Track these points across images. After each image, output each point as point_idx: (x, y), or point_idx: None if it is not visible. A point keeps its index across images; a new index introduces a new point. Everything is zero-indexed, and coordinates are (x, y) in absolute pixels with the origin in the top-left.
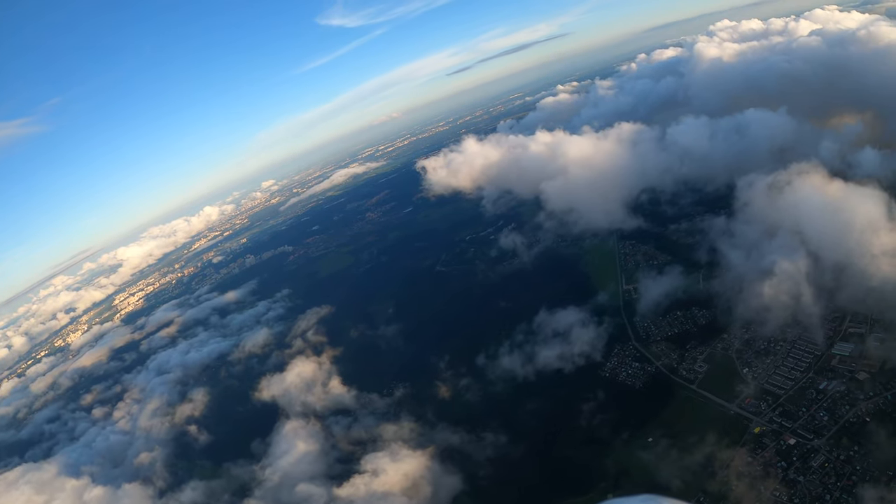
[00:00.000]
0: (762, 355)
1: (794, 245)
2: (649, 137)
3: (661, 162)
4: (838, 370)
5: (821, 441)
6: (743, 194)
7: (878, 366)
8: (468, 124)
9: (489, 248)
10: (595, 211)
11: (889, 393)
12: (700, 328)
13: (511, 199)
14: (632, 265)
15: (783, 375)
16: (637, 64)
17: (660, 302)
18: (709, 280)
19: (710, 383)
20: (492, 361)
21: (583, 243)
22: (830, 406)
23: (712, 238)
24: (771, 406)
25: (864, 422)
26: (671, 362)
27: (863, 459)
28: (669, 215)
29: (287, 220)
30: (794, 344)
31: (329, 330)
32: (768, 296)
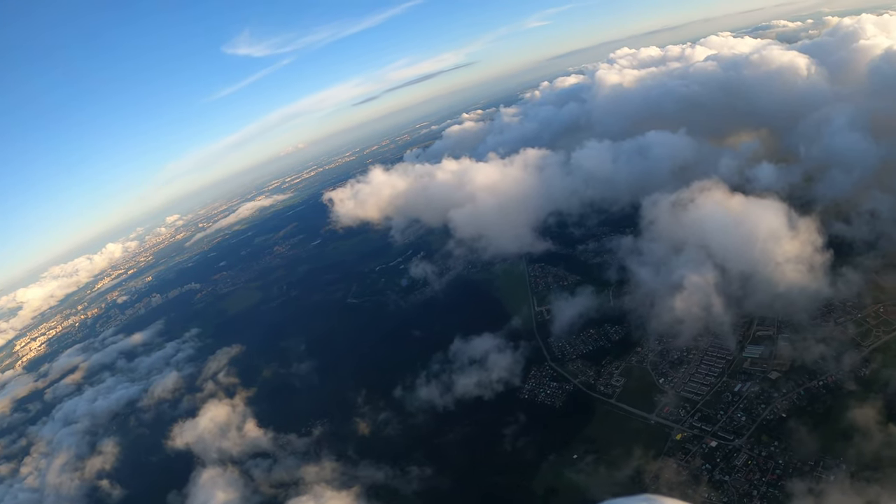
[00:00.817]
0: (677, 365)
1: (701, 259)
2: (554, 162)
3: (567, 185)
4: (751, 372)
5: (741, 441)
6: (648, 213)
7: (788, 365)
8: (375, 154)
9: (400, 278)
10: (504, 236)
11: (801, 389)
12: (614, 344)
13: (420, 228)
14: (543, 287)
15: (699, 382)
16: (541, 91)
17: (573, 321)
18: (619, 297)
19: (628, 396)
20: (410, 393)
21: (493, 268)
22: (747, 406)
23: (620, 257)
24: (690, 412)
25: (781, 418)
26: (588, 379)
27: (784, 454)
28: (577, 237)
29: (193, 257)
30: (706, 351)
31: (241, 370)
32: (680, 308)
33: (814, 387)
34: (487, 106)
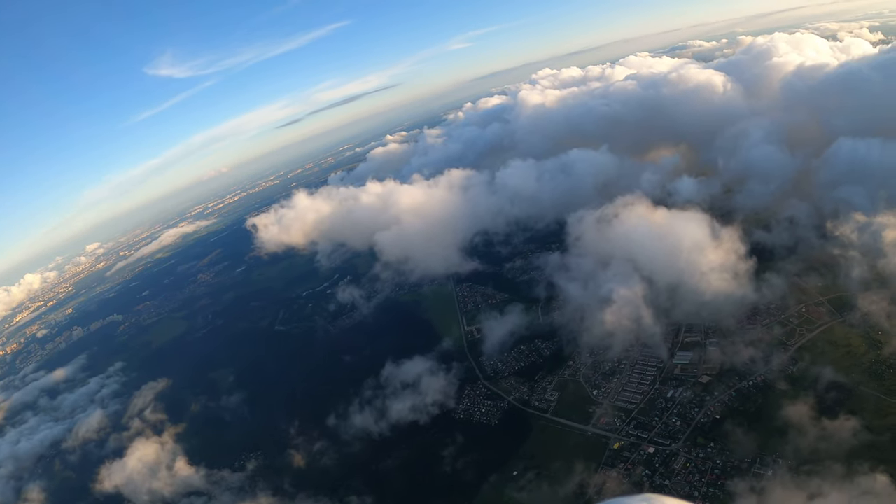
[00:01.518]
0: (609, 376)
1: (628, 272)
2: (479, 182)
3: (493, 205)
4: (682, 378)
5: (678, 445)
6: (574, 229)
7: (718, 368)
8: (299, 177)
9: (328, 303)
10: (431, 257)
11: (732, 390)
12: (546, 359)
13: (346, 252)
14: (472, 307)
15: (632, 391)
16: (464, 112)
17: (504, 339)
18: (549, 313)
19: (563, 410)
20: (344, 421)
21: (421, 290)
22: (681, 411)
23: (548, 273)
24: (625, 421)
25: (715, 420)
26: (523, 395)
27: (721, 454)
28: (504, 255)
29: (115, 287)
30: (637, 361)
31: (168, 405)
32: (610, 321)
33: (744, 387)
34: (412, 127)
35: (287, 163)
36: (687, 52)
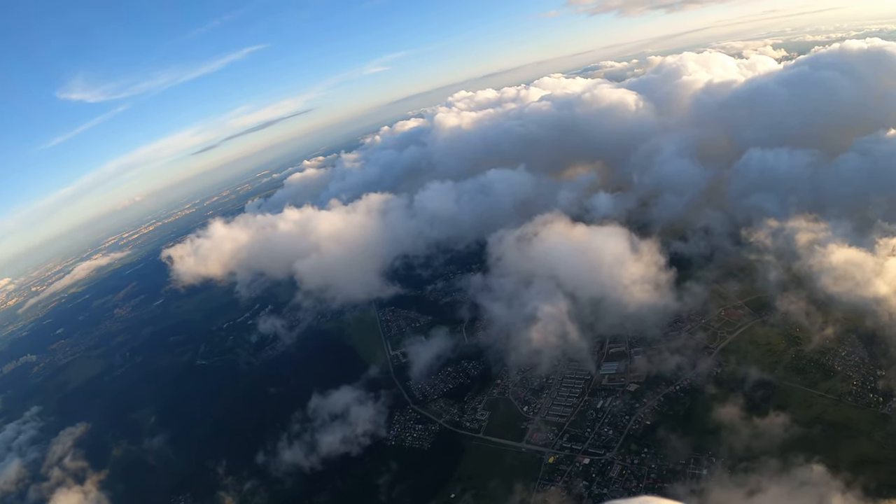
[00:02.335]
0: (538, 391)
1: (551, 289)
2: (398, 205)
3: (412, 228)
4: (611, 388)
5: (612, 453)
6: (494, 249)
7: (644, 376)
8: (215, 205)
9: (249, 335)
10: (352, 283)
11: (661, 396)
12: (474, 379)
13: (265, 281)
14: (396, 331)
15: (562, 404)
16: (381, 136)
17: (430, 362)
18: (474, 334)
19: (495, 428)
20: (274, 457)
21: (344, 317)
22: (612, 420)
23: (471, 294)
24: (558, 435)
25: (647, 426)
26: (453, 417)
27: (655, 458)
28: (425, 278)
29: (27, 325)
30: (565, 375)
31: (89, 451)
32: (536, 339)
33: (672, 392)
34: (329, 152)
35: (203, 190)
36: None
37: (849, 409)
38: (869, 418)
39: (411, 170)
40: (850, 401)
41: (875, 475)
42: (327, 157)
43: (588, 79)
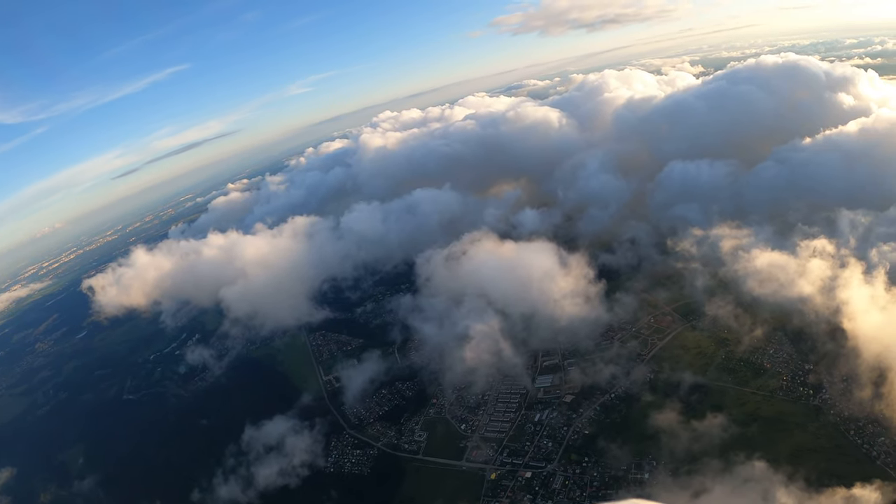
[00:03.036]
0: (475, 409)
1: (482, 307)
2: (324, 228)
3: (339, 250)
4: (547, 400)
5: (554, 465)
6: (423, 269)
7: (579, 387)
8: (138, 231)
9: (177, 366)
10: (280, 309)
11: (597, 405)
12: (409, 400)
13: (192, 310)
14: (327, 356)
15: (500, 420)
16: (306, 157)
17: (364, 386)
18: (406, 355)
19: (434, 448)
20: (209, 495)
21: (274, 344)
22: (550, 432)
23: (402, 316)
24: (498, 450)
25: (585, 435)
26: (391, 439)
27: (596, 466)
28: (355, 300)
29: None
30: (500, 391)
31: (16, 499)
32: (469, 357)
33: (608, 401)
34: (254, 174)
35: (126, 215)
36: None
37: (781, 404)
38: (801, 411)
39: (337, 191)
40: (781, 395)
41: (814, 465)
42: (252, 180)
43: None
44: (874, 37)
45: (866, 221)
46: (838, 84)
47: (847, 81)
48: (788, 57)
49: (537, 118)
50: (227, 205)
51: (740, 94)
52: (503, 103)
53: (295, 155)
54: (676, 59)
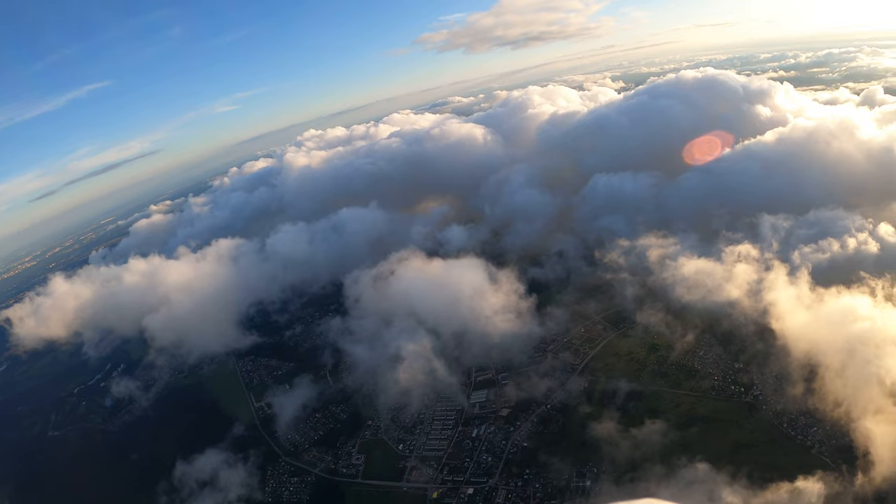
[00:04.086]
0: (412, 429)
1: (413, 327)
2: (249, 250)
3: (265, 272)
4: (483, 415)
5: (495, 479)
6: (351, 291)
7: (514, 400)
8: (58, 256)
9: (103, 398)
10: (207, 335)
11: (534, 417)
12: (344, 423)
13: (115, 339)
14: (258, 382)
15: (437, 438)
16: (230, 177)
17: (297, 411)
18: (339, 378)
19: (373, 471)
20: None
21: (202, 372)
22: (489, 447)
23: (332, 338)
24: (438, 469)
25: (524, 447)
26: (328, 465)
27: (538, 478)
28: (283, 323)
29: None
30: (436, 408)
31: None
32: (403, 378)
33: (544, 412)
34: (177, 195)
35: (44, 240)
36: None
37: (715, 403)
38: (735, 408)
39: (262, 212)
40: (714, 395)
41: (754, 459)
42: (175, 201)
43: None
44: (787, 51)
45: (787, 225)
46: (755, 96)
47: (764, 94)
48: (707, 71)
49: (462, 135)
50: (150, 228)
51: (661, 108)
52: (428, 120)
53: (219, 175)
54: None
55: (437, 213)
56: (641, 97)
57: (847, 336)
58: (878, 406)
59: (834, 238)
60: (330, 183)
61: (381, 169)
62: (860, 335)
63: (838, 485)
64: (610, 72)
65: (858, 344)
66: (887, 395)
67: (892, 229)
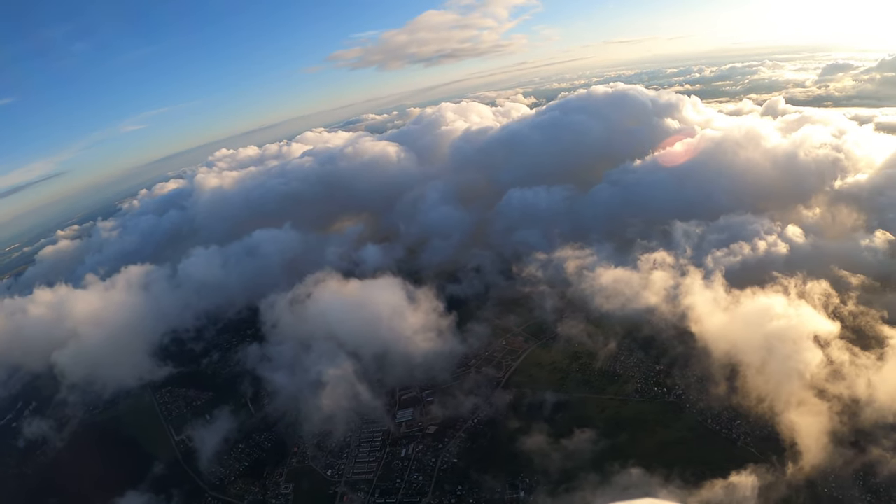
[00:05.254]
0: (339, 453)
1: (333, 350)
2: (161, 276)
3: (178, 299)
4: (410, 434)
5: (428, 497)
6: (268, 316)
7: (440, 417)
8: None
9: (14, 440)
10: (120, 368)
11: (461, 432)
12: (270, 452)
13: (24, 376)
14: (177, 414)
15: (365, 461)
16: (140, 200)
17: (220, 442)
18: (260, 407)
19: (303, 499)
20: None
21: (118, 407)
22: (419, 466)
23: (251, 366)
24: (369, 492)
25: (454, 464)
26: (256, 496)
27: (472, 493)
28: (199, 352)
29: None
30: (362, 431)
31: None
32: (326, 403)
33: (471, 427)
34: (85, 219)
35: None
36: (361, 126)
37: (639, 405)
38: (659, 409)
39: (173, 236)
40: (637, 398)
41: (683, 456)
42: (83, 226)
43: (350, 132)
44: (693, 66)
45: (699, 231)
46: (664, 109)
47: (672, 107)
48: (617, 86)
49: (376, 153)
50: (57, 255)
51: (573, 123)
52: (341, 138)
53: (129, 197)
54: (511, 91)
55: (352, 232)
56: (553, 112)
57: (765, 334)
58: (799, 399)
59: (745, 241)
60: (242, 204)
61: (295, 189)
62: (777, 333)
63: (771, 475)
64: (522, 88)
65: (776, 341)
66: (808, 388)
67: (800, 231)
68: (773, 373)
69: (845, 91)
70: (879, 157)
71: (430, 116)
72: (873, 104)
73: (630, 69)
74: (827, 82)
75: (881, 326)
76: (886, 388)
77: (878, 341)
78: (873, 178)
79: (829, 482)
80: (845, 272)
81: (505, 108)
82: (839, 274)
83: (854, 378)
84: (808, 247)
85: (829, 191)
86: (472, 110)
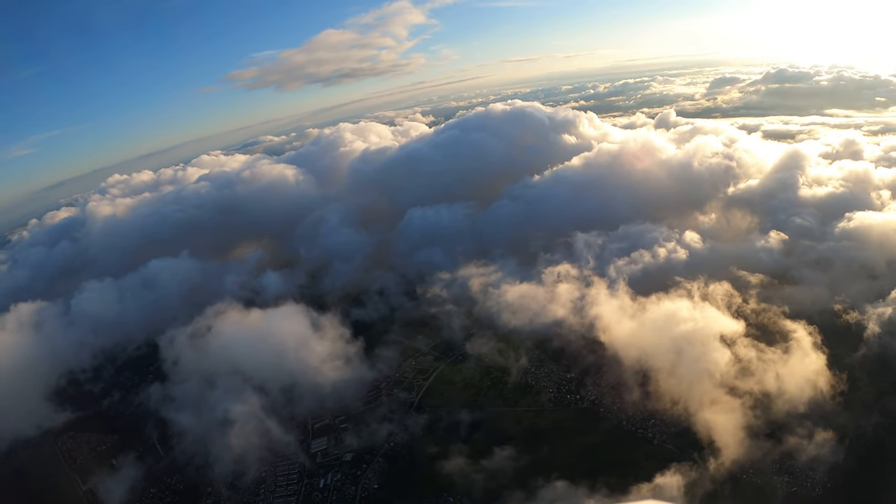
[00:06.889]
0: (255, 490)
1: (239, 386)
2: (53, 314)
3: (73, 338)
4: (327, 464)
5: None
6: (168, 352)
7: (355, 445)
8: None
9: None
10: (15, 417)
11: (378, 457)
12: (182, 494)
13: None
14: (82, 461)
15: (283, 495)
16: (29, 230)
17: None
18: (168, 447)
19: None
20: None
21: (17, 459)
22: (339, 497)
23: (153, 406)
24: None
25: (374, 489)
26: None
27: None
28: (98, 393)
29: None
30: (277, 464)
31: None
32: (235, 440)
33: (388, 451)
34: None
35: None
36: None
37: (554, 414)
38: (574, 416)
39: (65, 269)
40: (552, 408)
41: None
42: None
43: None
44: (587, 82)
45: (600, 242)
46: (561, 126)
47: (569, 123)
48: (515, 104)
49: (274, 176)
50: None
51: (472, 141)
52: (239, 161)
53: (18, 227)
54: (409, 110)
55: (251, 258)
56: (452, 131)
57: (673, 338)
58: (712, 397)
59: (645, 249)
60: (138, 233)
61: (191, 216)
62: (685, 335)
63: (694, 472)
64: (420, 107)
65: (685, 344)
66: (719, 387)
67: (697, 236)
68: (684, 374)
69: (733, 102)
70: (768, 163)
71: (328, 137)
72: (759, 114)
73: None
74: (715, 95)
75: (783, 321)
76: (794, 379)
77: (782, 336)
78: (764, 182)
79: (751, 473)
80: (744, 272)
81: (404, 127)
82: (739, 274)
83: (763, 373)
84: (706, 251)
85: (723, 197)
86: (371, 130)
